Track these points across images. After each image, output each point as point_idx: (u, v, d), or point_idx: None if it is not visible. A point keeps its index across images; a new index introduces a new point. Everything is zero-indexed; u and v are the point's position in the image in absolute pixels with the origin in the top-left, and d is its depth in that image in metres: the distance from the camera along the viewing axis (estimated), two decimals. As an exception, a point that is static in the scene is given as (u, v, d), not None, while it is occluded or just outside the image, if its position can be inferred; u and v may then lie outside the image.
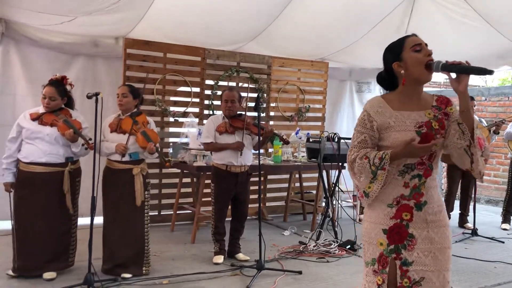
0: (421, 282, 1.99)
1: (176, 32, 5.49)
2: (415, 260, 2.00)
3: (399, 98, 2.08)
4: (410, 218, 2.01)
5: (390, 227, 2.03)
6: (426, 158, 2.02)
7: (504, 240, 5.49)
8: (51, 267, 3.69)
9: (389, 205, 2.04)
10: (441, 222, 2.04)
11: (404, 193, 2.02)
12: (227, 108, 4.32)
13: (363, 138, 2.08)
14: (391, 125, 2.03)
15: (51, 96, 3.68)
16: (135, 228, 3.85)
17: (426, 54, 2.02)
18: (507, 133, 6.06)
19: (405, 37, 2.09)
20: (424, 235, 2.01)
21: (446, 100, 2.10)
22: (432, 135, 2.00)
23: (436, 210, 2.04)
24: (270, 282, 3.83)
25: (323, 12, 5.38)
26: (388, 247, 2.03)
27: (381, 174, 1.99)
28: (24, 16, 4.80)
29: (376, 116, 2.05)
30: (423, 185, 2.02)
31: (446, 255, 2.02)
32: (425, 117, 2.03)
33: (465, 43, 6.06)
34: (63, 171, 3.67)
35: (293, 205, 6.57)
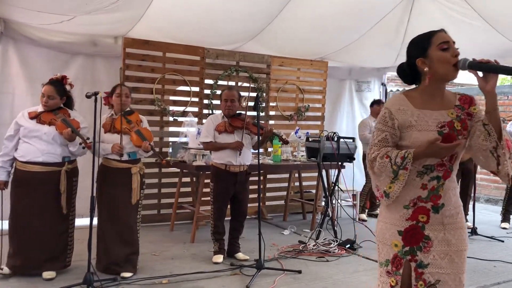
0: (437, 285, 1.95)
1: (175, 31, 5.48)
2: (431, 262, 1.95)
3: (422, 96, 2.00)
4: (427, 220, 1.96)
5: (405, 229, 1.98)
6: (447, 160, 1.96)
7: (504, 239, 5.50)
8: (48, 266, 3.69)
9: (405, 207, 1.98)
10: (458, 224, 1.99)
11: (421, 195, 1.96)
12: (226, 108, 4.32)
13: (384, 136, 2.01)
14: (413, 124, 1.96)
15: (50, 94, 3.67)
16: (131, 227, 3.87)
17: (453, 54, 1.95)
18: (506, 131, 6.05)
19: (433, 32, 2.00)
20: (440, 237, 1.96)
21: (469, 99, 2.03)
22: (454, 135, 1.93)
23: (453, 212, 1.99)
24: (270, 281, 3.83)
25: (322, 11, 5.37)
26: (403, 249, 1.98)
27: (402, 174, 1.92)
28: (23, 15, 4.79)
29: (397, 114, 1.98)
30: (441, 187, 1.96)
31: (462, 257, 1.99)
32: (447, 116, 1.96)
33: (464, 42, 5.99)
34: (60, 170, 3.66)
35: (293, 204, 6.57)
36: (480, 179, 8.26)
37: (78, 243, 4.62)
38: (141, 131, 3.84)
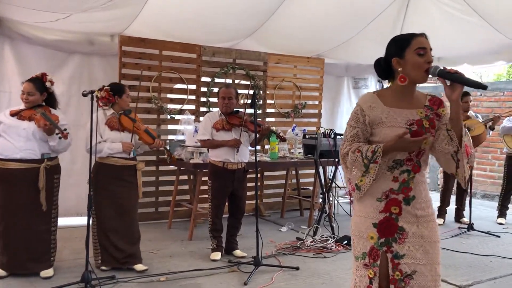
0: (413, 275, 2.01)
1: (171, 29, 5.47)
2: (406, 253, 2.03)
3: (392, 95, 2.11)
4: (399, 212, 2.05)
5: (380, 221, 2.06)
6: (414, 155, 2.06)
7: (500, 234, 5.52)
8: (31, 266, 3.67)
9: (378, 199, 2.07)
10: (430, 217, 2.09)
11: (393, 187, 2.05)
12: (224, 105, 4.32)
13: (355, 132, 2.11)
14: (383, 121, 2.06)
15: (29, 91, 3.67)
16: (135, 222, 3.96)
17: (427, 60, 2.03)
18: (502, 127, 6.08)
19: (413, 35, 2.09)
20: (414, 229, 2.04)
21: (439, 101, 2.14)
22: (422, 133, 2.03)
23: (424, 206, 2.08)
24: (268, 278, 3.85)
25: (318, 8, 5.38)
26: (379, 240, 2.06)
27: (373, 167, 2.02)
28: (18, 14, 4.77)
29: (368, 111, 2.08)
30: (412, 180, 2.06)
31: (436, 248, 2.06)
32: (416, 115, 2.07)
33: (461, 38, 6.07)
34: (39, 167, 3.64)
35: (290, 201, 6.58)
36: (476, 175, 8.30)
37: (77, 241, 4.65)
38: (149, 129, 3.99)
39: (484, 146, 8.01)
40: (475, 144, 5.79)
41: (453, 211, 6.25)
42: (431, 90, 9.49)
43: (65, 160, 5.37)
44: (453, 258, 4.56)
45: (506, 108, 7.56)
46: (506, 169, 6.19)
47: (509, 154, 6.12)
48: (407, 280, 2.01)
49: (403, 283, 2.02)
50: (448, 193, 6.17)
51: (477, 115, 6.16)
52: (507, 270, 4.26)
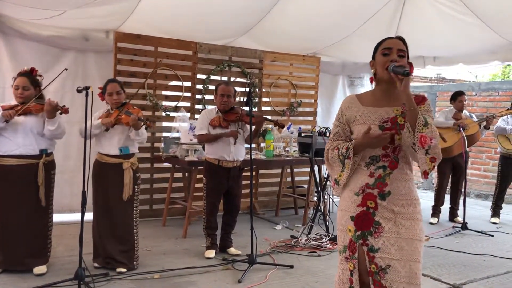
0: (387, 270, 2.08)
1: (167, 25, 5.45)
2: (381, 247, 2.09)
3: (371, 95, 2.25)
4: (375, 206, 2.12)
5: (357, 214, 2.15)
6: (390, 151, 2.14)
7: (493, 233, 5.55)
8: (29, 263, 3.66)
9: (356, 193, 2.17)
10: (410, 215, 2.12)
11: (368, 182, 2.14)
12: (222, 102, 4.30)
13: (336, 131, 2.30)
14: (357, 119, 2.21)
15: (24, 85, 3.65)
16: (125, 222, 3.86)
17: (389, 59, 2.13)
18: (496, 127, 6.11)
19: (384, 39, 2.22)
20: (390, 225, 2.10)
21: (420, 98, 2.19)
22: (395, 129, 2.12)
23: (405, 203, 2.12)
24: (262, 276, 3.84)
25: (315, 6, 5.37)
26: (356, 233, 2.15)
27: (347, 163, 2.17)
28: (12, 10, 4.73)
29: (346, 111, 2.26)
30: (388, 176, 2.13)
31: (412, 246, 2.08)
32: (392, 113, 2.16)
33: (456, 38, 6.09)
34: (37, 163, 3.63)
35: (285, 199, 6.58)
36: (470, 174, 8.33)
37: (70, 238, 4.63)
38: (129, 110, 3.84)
39: (479, 146, 8.05)
40: (469, 144, 5.82)
41: (447, 210, 6.28)
42: (426, 89, 9.52)
43: (59, 157, 5.34)
44: (447, 257, 4.58)
45: (500, 108, 7.58)
46: (500, 169, 6.22)
47: (503, 154, 6.15)
48: (382, 274, 2.08)
49: (378, 276, 2.09)
50: (442, 193, 6.19)
51: (472, 114, 6.19)
52: (500, 269, 4.28)
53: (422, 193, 8.82)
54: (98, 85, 4.05)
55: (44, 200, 3.68)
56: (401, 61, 2.11)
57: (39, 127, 3.64)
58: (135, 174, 3.89)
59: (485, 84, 8.74)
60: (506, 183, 6.21)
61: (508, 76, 15.67)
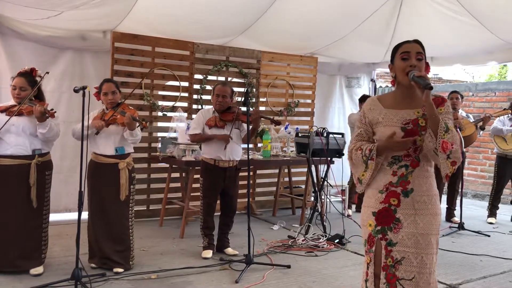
0: (402, 261, 2.20)
1: (164, 25, 5.44)
2: (399, 241, 2.21)
3: (393, 97, 2.34)
4: (398, 203, 2.23)
5: (379, 210, 2.26)
6: (411, 151, 2.23)
7: (490, 233, 5.57)
8: (21, 264, 3.63)
9: (380, 191, 2.27)
10: (429, 211, 2.23)
11: (392, 181, 2.25)
12: (217, 103, 4.30)
13: (359, 132, 2.40)
14: (380, 121, 2.29)
15: (22, 86, 3.63)
16: (121, 223, 3.85)
17: (409, 64, 2.21)
18: (493, 128, 6.13)
19: (402, 42, 2.30)
20: (410, 220, 2.21)
21: (440, 100, 2.27)
22: (417, 131, 2.21)
23: (426, 199, 2.23)
24: (259, 276, 3.84)
25: (312, 6, 5.38)
26: (376, 228, 2.27)
27: (371, 163, 2.26)
28: (9, 10, 4.72)
29: (368, 113, 2.35)
30: (410, 174, 2.23)
31: (427, 240, 2.20)
32: (413, 115, 2.23)
33: (453, 38, 6.11)
34: (29, 163, 3.60)
35: (282, 199, 6.58)
36: (467, 174, 8.35)
37: (67, 238, 4.63)
38: (124, 110, 3.82)
39: (475, 146, 8.07)
40: (466, 144, 5.83)
41: (444, 210, 6.29)
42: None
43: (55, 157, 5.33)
44: (443, 257, 4.59)
45: (497, 108, 7.61)
46: (497, 169, 6.24)
47: (500, 154, 6.17)
48: (397, 265, 2.20)
49: (393, 269, 2.21)
50: (439, 192, 6.19)
51: (469, 115, 6.21)
52: (497, 269, 4.29)
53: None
54: (95, 85, 4.04)
55: (35, 201, 3.64)
56: (420, 67, 2.20)
57: (32, 128, 3.61)
58: (130, 174, 3.88)
59: (482, 85, 8.77)
60: (502, 184, 6.23)
61: (505, 77, 15.72)
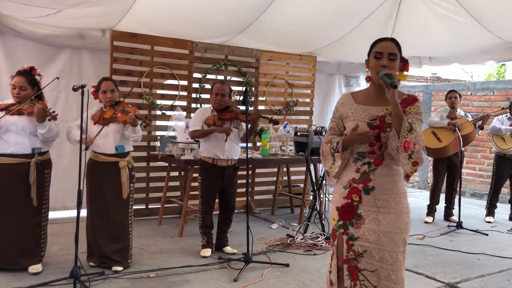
0: (364, 254, 2.26)
1: (163, 24, 5.44)
2: (360, 236, 2.27)
3: (366, 94, 2.41)
4: (359, 200, 2.29)
5: (342, 205, 2.34)
6: (376, 148, 2.30)
7: (488, 232, 5.58)
8: (21, 262, 3.64)
9: (344, 187, 2.35)
10: (392, 209, 2.26)
11: (355, 177, 2.32)
12: (216, 101, 4.30)
13: (332, 125, 2.49)
14: (349, 116, 2.38)
15: (21, 85, 3.63)
16: (121, 221, 3.85)
17: (380, 64, 2.27)
18: (492, 127, 6.14)
19: (377, 41, 2.36)
20: (372, 217, 2.27)
21: (411, 100, 2.33)
22: (382, 127, 2.26)
23: (389, 198, 2.27)
24: (258, 275, 3.85)
25: (311, 6, 5.38)
26: (338, 223, 2.35)
27: (337, 156, 2.34)
28: (7, 7, 4.71)
29: (340, 107, 2.45)
30: (372, 172, 2.29)
31: (390, 238, 2.24)
32: (382, 112, 2.29)
33: (451, 37, 6.11)
34: (29, 162, 3.61)
35: (281, 198, 6.59)
36: (466, 173, 8.37)
37: (66, 237, 4.63)
38: (124, 108, 3.82)
39: (474, 145, 8.08)
40: (464, 143, 5.85)
41: (442, 209, 6.30)
42: (422, 89, 9.55)
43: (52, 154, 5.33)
44: (442, 256, 4.60)
45: (495, 107, 7.62)
46: (495, 168, 6.25)
47: (498, 153, 6.18)
48: (359, 258, 2.27)
49: (355, 262, 2.28)
50: (438, 192, 6.22)
51: (467, 114, 6.22)
52: (495, 267, 4.30)
53: (417, 192, 8.86)
54: (93, 84, 4.03)
55: (36, 200, 3.65)
56: (391, 67, 2.24)
57: (32, 127, 3.61)
58: (131, 173, 3.89)
59: (480, 84, 8.78)
60: (500, 183, 6.24)
61: (504, 76, 15.75)
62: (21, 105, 3.59)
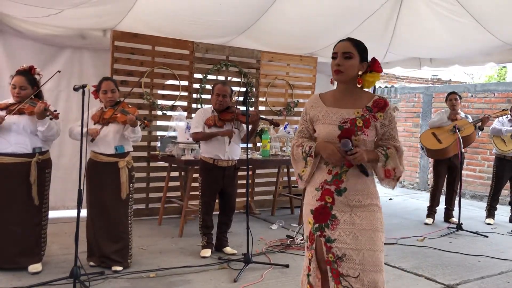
0: (343, 258, 2.25)
1: (164, 24, 5.44)
2: (337, 238, 2.26)
3: (334, 96, 2.40)
4: (332, 201, 2.28)
5: (315, 208, 2.32)
6: None
7: (488, 234, 5.57)
8: (21, 261, 3.65)
9: (316, 189, 2.34)
10: (366, 208, 2.28)
11: (327, 179, 2.30)
12: (217, 102, 4.30)
13: (301, 128, 2.46)
14: (320, 118, 2.35)
15: (22, 85, 3.64)
16: (120, 221, 3.86)
17: (336, 63, 2.30)
18: (492, 129, 6.14)
19: (339, 41, 2.38)
20: (346, 217, 2.26)
21: (382, 104, 2.31)
22: (353, 130, 2.27)
23: (361, 198, 2.27)
24: (257, 275, 3.85)
25: (312, 7, 5.38)
26: (314, 225, 2.33)
27: (309, 160, 2.33)
28: (9, 8, 4.72)
29: (310, 110, 2.41)
30: (344, 173, 2.28)
31: (366, 235, 2.24)
32: (353, 114, 2.29)
33: (452, 39, 6.12)
34: (30, 161, 3.62)
35: (281, 199, 6.59)
36: (466, 175, 8.36)
37: (66, 237, 4.63)
38: (124, 108, 3.82)
39: (474, 147, 8.08)
40: (464, 145, 5.85)
41: (442, 210, 6.30)
42: (422, 90, 9.55)
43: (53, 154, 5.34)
44: (441, 258, 4.60)
45: (496, 109, 7.61)
46: (495, 170, 6.25)
47: (498, 155, 6.18)
48: (339, 262, 2.25)
49: (335, 265, 2.26)
50: (438, 193, 6.22)
51: (468, 116, 6.22)
52: (494, 269, 4.30)
53: (418, 193, 8.86)
54: (94, 83, 4.04)
55: (37, 199, 3.66)
56: (346, 65, 2.28)
57: (32, 126, 3.62)
58: (130, 173, 3.89)
59: (480, 86, 8.78)
60: (500, 184, 6.24)
61: (504, 78, 15.74)
62: (21, 104, 3.60)
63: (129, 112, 3.75)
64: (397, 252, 4.71)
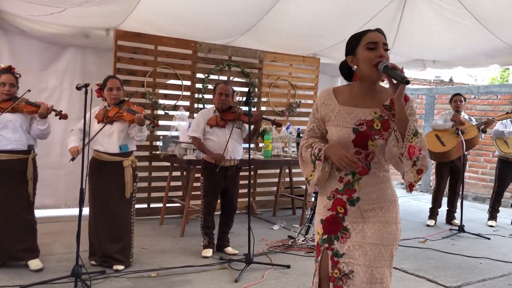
0: (350, 275, 2.01)
1: (167, 24, 5.45)
2: (346, 252, 2.03)
3: (349, 93, 2.08)
4: (345, 212, 2.05)
5: (326, 218, 2.09)
6: (362, 157, 2.02)
7: (490, 236, 5.56)
8: (24, 256, 3.69)
9: (328, 198, 2.10)
10: (379, 219, 2.02)
11: (338, 188, 2.06)
12: (220, 101, 4.31)
13: (311, 127, 2.17)
14: (331, 119, 2.07)
15: (11, 82, 3.68)
16: (123, 220, 3.86)
17: (377, 55, 1.95)
18: (495, 131, 6.12)
19: (364, 31, 2.03)
20: (358, 229, 2.03)
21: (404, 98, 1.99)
22: (369, 134, 1.98)
23: (376, 207, 2.03)
24: (259, 276, 3.85)
25: (315, 7, 5.38)
26: (322, 236, 2.10)
27: (318, 164, 2.05)
28: (13, 6, 4.73)
29: (321, 108, 2.11)
30: (357, 182, 2.03)
31: (376, 251, 2.00)
32: (369, 115, 2.00)
33: (455, 40, 6.11)
34: (26, 158, 3.67)
35: (283, 199, 6.58)
36: (468, 177, 8.35)
37: (67, 236, 4.63)
38: (131, 107, 3.84)
39: (477, 149, 8.06)
40: (468, 147, 5.83)
41: (444, 212, 6.29)
42: (425, 92, 9.53)
43: (55, 153, 5.37)
44: (443, 260, 4.59)
45: (499, 111, 7.60)
46: (498, 172, 6.23)
47: (501, 157, 6.17)
48: (345, 279, 2.02)
49: (340, 282, 2.02)
50: (440, 195, 6.21)
51: (471, 118, 6.20)
52: (496, 272, 4.29)
53: (420, 195, 8.84)
54: (97, 82, 4.04)
55: (33, 195, 3.73)
56: (388, 58, 1.96)
57: (27, 124, 3.70)
58: (134, 172, 3.89)
59: (484, 88, 8.76)
60: (503, 187, 6.22)
61: (507, 80, 15.72)
62: (16, 102, 3.62)
63: (136, 111, 3.76)
64: (399, 254, 4.70)
